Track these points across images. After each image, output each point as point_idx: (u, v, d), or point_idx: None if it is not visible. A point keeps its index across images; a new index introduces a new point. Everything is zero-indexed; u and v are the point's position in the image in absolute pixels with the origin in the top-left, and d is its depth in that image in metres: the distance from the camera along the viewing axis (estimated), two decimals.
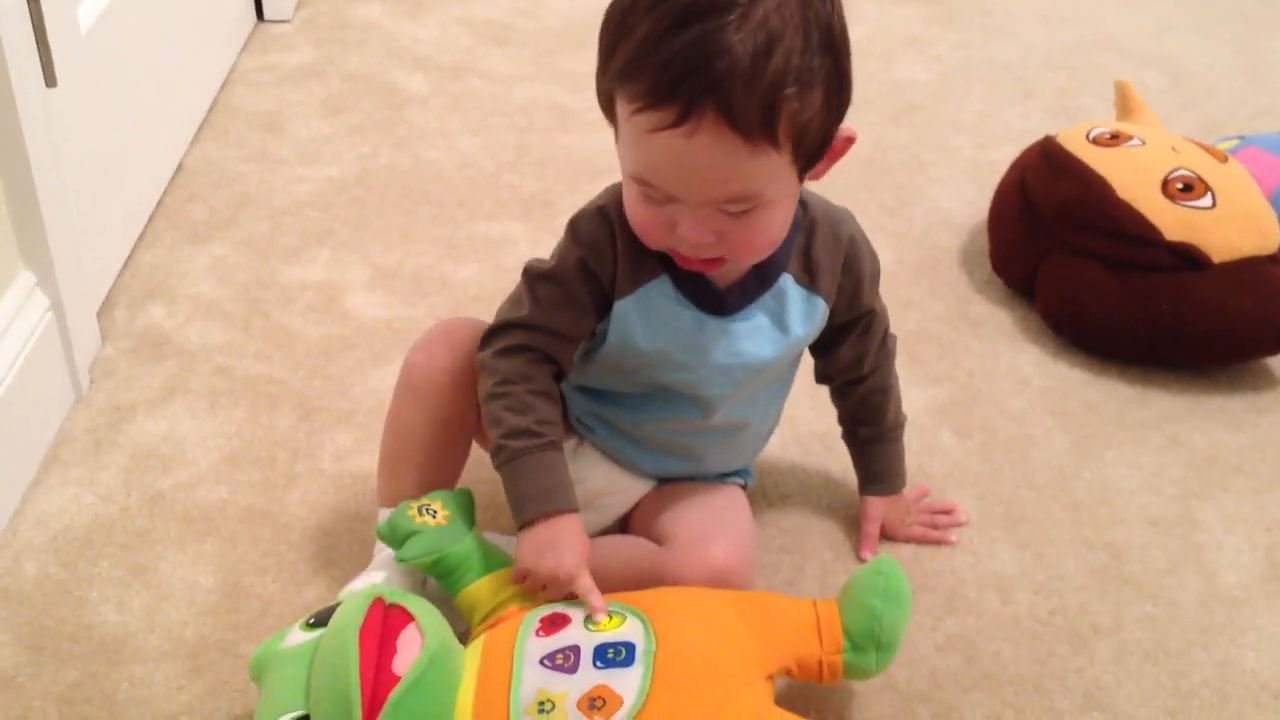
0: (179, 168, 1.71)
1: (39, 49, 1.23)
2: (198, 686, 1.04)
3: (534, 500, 0.98)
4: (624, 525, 1.14)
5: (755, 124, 0.85)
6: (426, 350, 1.07)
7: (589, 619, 0.90)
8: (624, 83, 0.87)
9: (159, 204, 1.63)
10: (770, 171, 0.88)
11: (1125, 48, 2.19)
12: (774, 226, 0.94)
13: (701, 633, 0.89)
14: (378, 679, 0.80)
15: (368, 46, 2.06)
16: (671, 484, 1.13)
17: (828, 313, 1.05)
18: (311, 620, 0.90)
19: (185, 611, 1.10)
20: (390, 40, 2.09)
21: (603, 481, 1.12)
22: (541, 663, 0.86)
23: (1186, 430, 1.36)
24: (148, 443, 1.27)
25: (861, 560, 1.17)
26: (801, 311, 1.04)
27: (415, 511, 1.00)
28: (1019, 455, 1.31)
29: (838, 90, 0.90)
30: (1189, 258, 1.40)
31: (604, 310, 1.01)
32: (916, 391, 1.38)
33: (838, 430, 1.32)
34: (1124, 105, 1.66)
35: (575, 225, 1.01)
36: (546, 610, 0.92)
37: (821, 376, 1.17)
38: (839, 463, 1.28)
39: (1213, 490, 1.29)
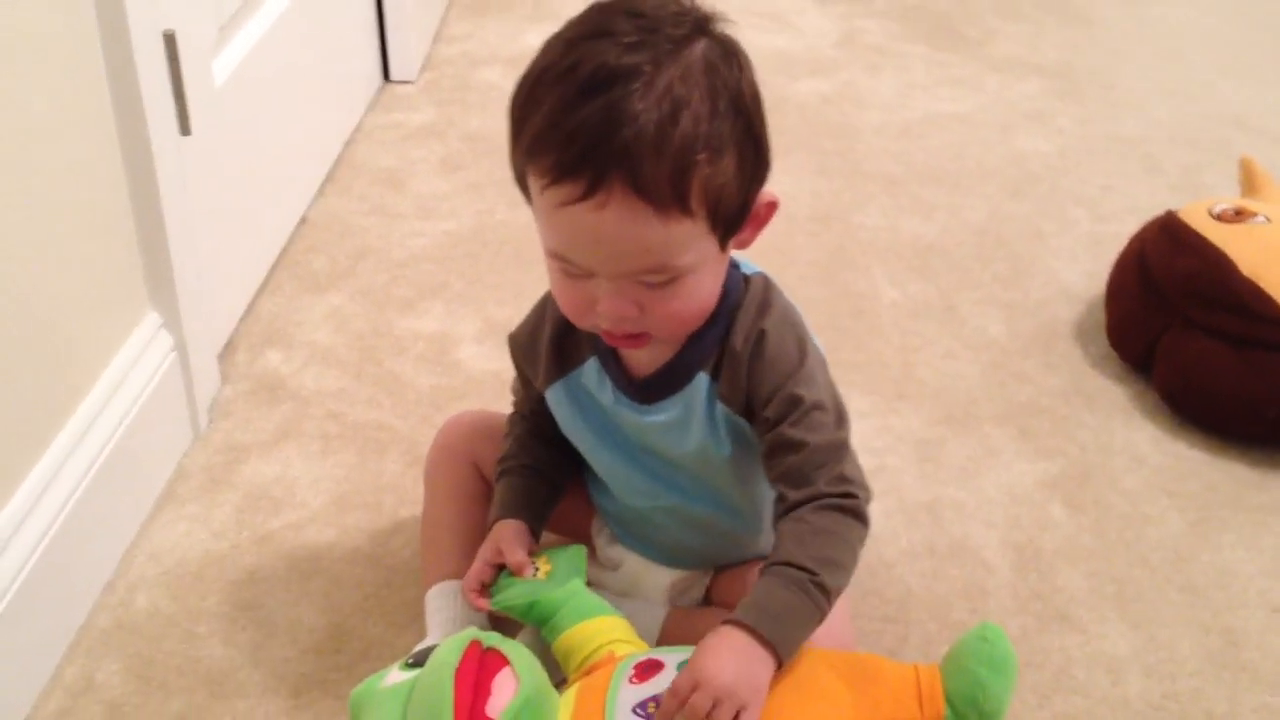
0: (302, 219, 1.76)
1: (175, 98, 1.28)
2: None
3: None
4: (708, 599, 1.12)
5: (665, 192, 0.84)
6: (434, 452, 1.18)
7: (683, 664, 0.89)
8: (533, 158, 0.86)
9: (282, 253, 1.68)
10: (685, 240, 0.87)
11: (1253, 125, 2.15)
12: (696, 297, 0.92)
13: (796, 689, 0.87)
14: None
15: (488, 108, 2.11)
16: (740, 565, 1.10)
17: (743, 423, 0.97)
18: (410, 660, 0.90)
19: (289, 649, 1.12)
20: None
21: (637, 567, 1.12)
22: (634, 711, 0.85)
23: None
24: (260, 483, 1.30)
25: None
26: (706, 415, 0.97)
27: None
28: (1133, 533, 1.28)
29: (752, 155, 0.89)
30: None
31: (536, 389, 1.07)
32: (1026, 465, 1.36)
33: (945, 498, 1.31)
34: (1249, 182, 1.62)
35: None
36: (641, 656, 0.92)
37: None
38: (944, 533, 1.26)
39: None
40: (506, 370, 1.45)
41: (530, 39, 2.35)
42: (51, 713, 1.06)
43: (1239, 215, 1.47)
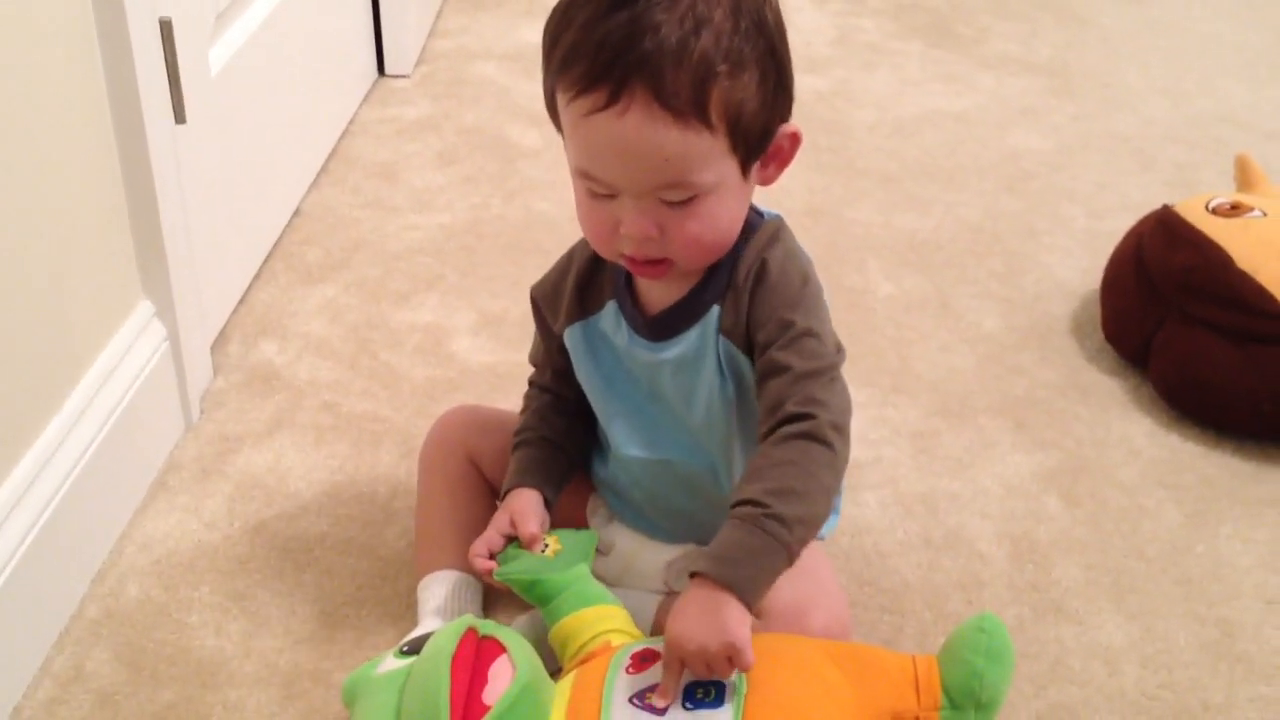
0: (297, 211, 1.75)
1: (170, 86, 1.27)
2: (289, 714, 1.04)
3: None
4: None
5: (685, 101, 0.86)
6: (429, 445, 1.17)
7: None
8: (563, 72, 0.89)
9: (276, 245, 1.67)
10: (705, 156, 0.89)
11: (1248, 123, 2.15)
12: (716, 222, 0.93)
13: (795, 678, 0.87)
14: (468, 707, 0.80)
15: (483, 102, 2.10)
16: None
17: (743, 360, 0.98)
18: (405, 648, 0.90)
19: (281, 639, 1.11)
20: (505, 96, 2.12)
21: (631, 546, 1.12)
22: (631, 701, 0.85)
23: None
24: (253, 473, 1.29)
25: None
26: (714, 350, 0.99)
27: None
28: (1129, 526, 1.27)
29: (774, 77, 0.91)
30: None
31: (556, 338, 1.07)
32: (1022, 457, 1.36)
33: (940, 490, 1.30)
34: (1244, 178, 1.62)
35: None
36: (638, 646, 0.91)
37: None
38: (940, 525, 1.26)
39: None
40: (503, 363, 1.46)
41: (525, 33, 2.35)
42: (41, 701, 1.05)
43: (1235, 209, 1.47)
